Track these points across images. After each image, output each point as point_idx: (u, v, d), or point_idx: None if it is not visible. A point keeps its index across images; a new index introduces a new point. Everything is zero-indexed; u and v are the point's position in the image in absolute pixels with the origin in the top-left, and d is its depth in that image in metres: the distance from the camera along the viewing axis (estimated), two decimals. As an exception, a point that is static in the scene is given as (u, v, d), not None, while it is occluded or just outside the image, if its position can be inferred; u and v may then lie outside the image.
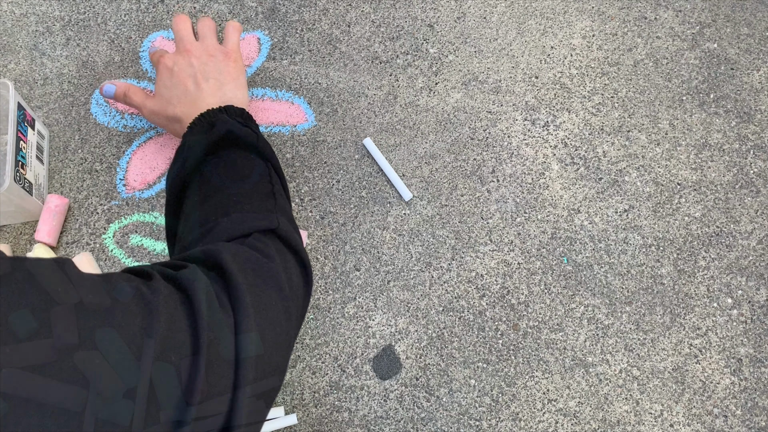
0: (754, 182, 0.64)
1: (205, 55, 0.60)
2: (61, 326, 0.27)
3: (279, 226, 0.46)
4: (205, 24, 0.64)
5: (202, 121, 0.54)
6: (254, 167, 0.51)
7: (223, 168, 0.50)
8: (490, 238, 0.63)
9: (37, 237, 0.62)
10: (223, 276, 0.39)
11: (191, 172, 0.50)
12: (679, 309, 0.60)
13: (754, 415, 0.56)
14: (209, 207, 0.47)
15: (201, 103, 0.57)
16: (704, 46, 0.70)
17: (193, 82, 0.58)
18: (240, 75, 0.61)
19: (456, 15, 0.73)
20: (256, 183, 0.49)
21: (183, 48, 0.61)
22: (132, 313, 0.31)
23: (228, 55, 0.61)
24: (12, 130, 0.59)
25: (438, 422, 0.57)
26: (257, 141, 0.52)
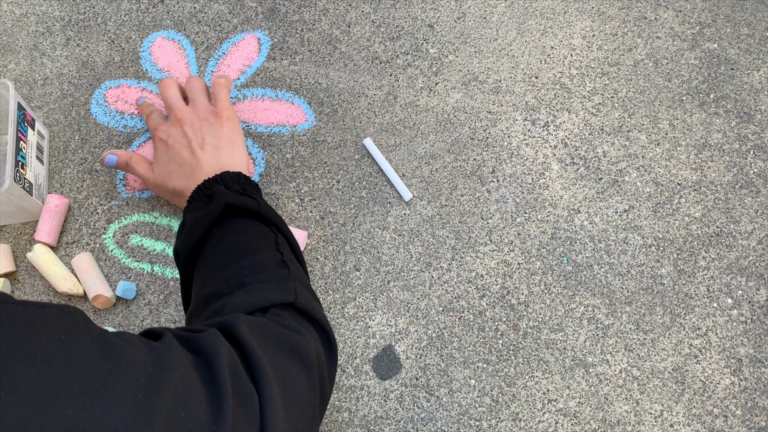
0: (754, 182, 0.64)
1: (197, 121, 0.59)
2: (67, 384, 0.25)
3: (297, 298, 0.44)
4: (193, 86, 0.62)
5: (200, 194, 0.54)
6: (260, 237, 0.50)
7: (229, 241, 0.49)
8: (490, 238, 0.63)
9: (37, 237, 0.62)
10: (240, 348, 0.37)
11: (196, 247, 0.50)
12: (679, 309, 0.60)
13: (754, 415, 0.56)
14: (221, 280, 0.46)
15: (198, 174, 0.56)
16: (704, 46, 0.70)
17: (189, 152, 0.57)
18: (235, 135, 0.60)
19: (456, 15, 0.73)
20: (264, 253, 0.48)
21: (174, 117, 0.60)
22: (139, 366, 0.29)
23: (220, 116, 0.60)
24: (12, 130, 0.59)
25: (438, 422, 0.57)
26: (258, 208, 0.51)
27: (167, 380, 0.29)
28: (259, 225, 0.51)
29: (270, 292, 0.44)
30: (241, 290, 0.44)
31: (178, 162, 0.58)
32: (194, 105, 0.61)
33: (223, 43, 0.72)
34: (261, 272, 0.46)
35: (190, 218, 0.51)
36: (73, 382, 0.26)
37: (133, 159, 0.61)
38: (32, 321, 0.26)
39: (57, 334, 0.27)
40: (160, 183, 0.59)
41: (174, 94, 0.62)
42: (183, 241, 0.51)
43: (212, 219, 0.50)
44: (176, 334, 0.35)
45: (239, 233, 0.50)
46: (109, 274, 0.62)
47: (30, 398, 0.24)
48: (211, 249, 0.49)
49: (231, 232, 0.50)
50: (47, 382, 0.25)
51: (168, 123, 0.61)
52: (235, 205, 0.51)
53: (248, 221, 0.51)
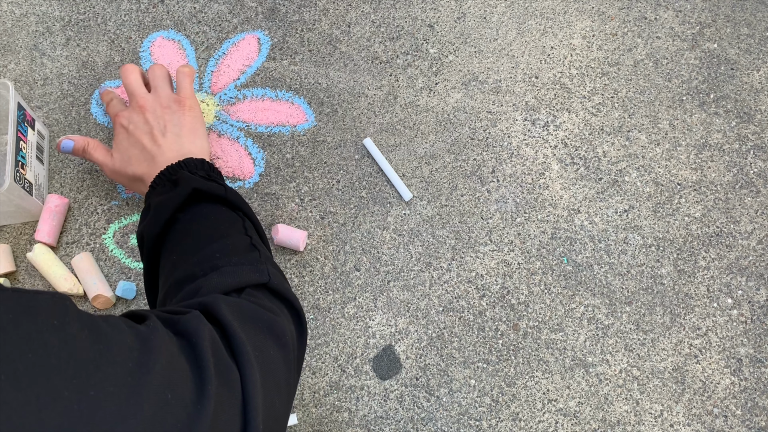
0: (754, 182, 0.64)
1: (159, 109, 0.59)
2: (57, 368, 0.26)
3: (270, 279, 0.45)
4: (155, 73, 0.62)
5: (163, 179, 0.54)
6: (228, 221, 0.50)
7: (197, 225, 0.49)
8: (490, 238, 0.63)
9: (37, 237, 0.62)
10: (221, 328, 0.38)
11: (163, 231, 0.50)
12: (679, 309, 0.60)
13: (754, 415, 0.56)
14: (193, 263, 0.46)
15: (160, 160, 0.56)
16: (704, 46, 0.70)
17: (149, 139, 0.57)
18: (197, 124, 0.60)
19: (456, 15, 0.73)
20: (233, 237, 0.49)
21: (136, 103, 0.60)
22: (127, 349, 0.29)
23: (182, 104, 0.60)
24: (12, 130, 0.59)
25: (438, 422, 0.57)
26: (225, 193, 0.51)
27: (154, 363, 0.30)
28: (226, 210, 0.51)
29: (244, 274, 0.45)
30: (214, 272, 0.45)
31: (138, 148, 0.57)
32: (156, 92, 0.60)
33: (223, 43, 0.72)
34: (233, 255, 0.47)
35: (155, 202, 0.51)
36: (68, 366, 0.26)
37: (91, 145, 0.61)
38: (27, 307, 0.27)
39: (50, 320, 0.27)
40: (119, 169, 0.58)
41: (136, 81, 0.61)
42: (148, 225, 0.50)
43: (178, 203, 0.50)
44: (160, 316, 0.36)
45: (207, 218, 0.50)
46: (109, 274, 0.62)
47: (29, 382, 0.25)
48: (179, 234, 0.49)
49: (198, 217, 0.50)
50: (44, 366, 0.26)
51: (129, 109, 0.60)
52: (202, 190, 0.51)
53: (215, 206, 0.51)
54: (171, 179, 0.53)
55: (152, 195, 0.53)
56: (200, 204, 0.51)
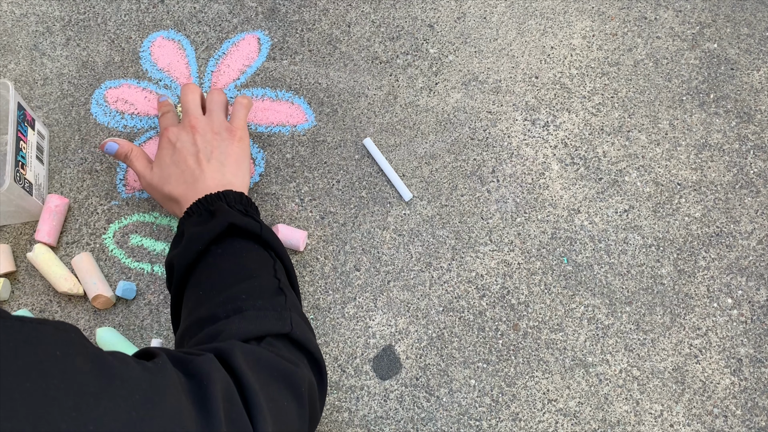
0: (754, 182, 0.64)
1: (210, 133, 0.58)
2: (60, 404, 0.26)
3: (292, 329, 0.45)
4: (213, 98, 0.61)
5: (200, 208, 0.53)
6: (259, 261, 0.49)
7: (228, 262, 0.49)
8: (490, 238, 0.63)
9: (37, 237, 0.62)
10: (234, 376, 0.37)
11: (193, 262, 0.49)
12: (679, 309, 0.60)
13: (754, 415, 0.56)
14: (217, 303, 0.46)
15: (200, 185, 0.55)
16: (704, 46, 0.70)
17: (194, 161, 0.56)
18: (243, 156, 0.59)
19: (456, 15, 0.73)
20: (262, 278, 0.48)
21: (188, 123, 0.59)
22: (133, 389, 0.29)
23: (233, 133, 0.59)
24: (12, 130, 0.59)
25: (438, 422, 0.57)
26: (261, 231, 0.51)
27: (160, 401, 0.30)
28: (259, 249, 0.50)
29: (266, 322, 0.44)
30: (237, 315, 0.44)
31: (181, 168, 0.56)
32: (210, 117, 0.60)
33: (223, 43, 0.72)
34: (258, 298, 0.46)
35: (190, 232, 0.50)
36: (67, 398, 0.26)
37: (134, 152, 0.60)
38: (28, 337, 0.27)
39: (53, 351, 0.27)
40: (157, 184, 0.58)
41: (194, 101, 0.61)
42: (179, 255, 0.50)
43: (213, 236, 0.49)
44: (171, 355, 0.36)
45: (238, 255, 0.49)
46: (109, 274, 0.62)
47: (25, 413, 0.24)
48: (208, 267, 0.49)
49: (230, 253, 0.49)
50: (42, 397, 0.25)
51: (180, 127, 0.59)
52: (239, 225, 0.50)
53: (248, 243, 0.50)
54: (208, 209, 0.52)
55: (187, 223, 0.53)
56: (234, 239, 0.50)
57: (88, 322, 0.61)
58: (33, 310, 0.61)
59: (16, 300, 0.62)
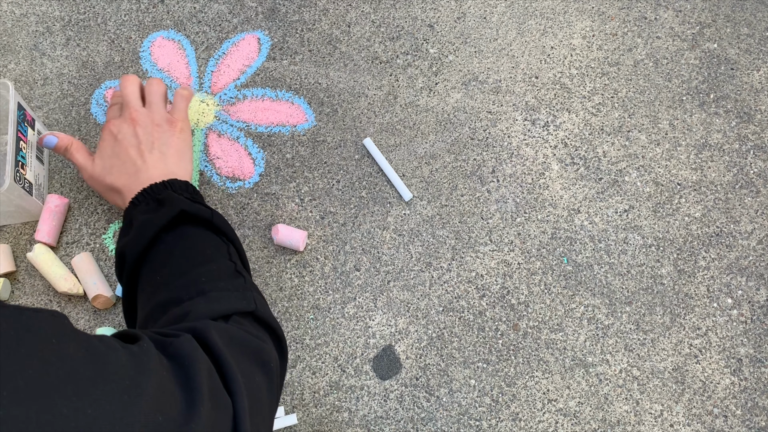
0: (754, 182, 0.64)
1: (150, 125, 0.58)
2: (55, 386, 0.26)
3: (257, 308, 0.46)
4: (153, 89, 0.61)
5: (147, 197, 0.53)
6: (213, 246, 0.50)
7: (182, 248, 0.49)
8: (490, 238, 0.63)
9: (37, 237, 0.62)
10: (212, 355, 0.38)
11: (145, 250, 0.49)
12: (679, 309, 0.60)
13: (754, 415, 0.56)
14: (178, 286, 0.46)
15: (143, 176, 0.55)
16: (704, 46, 0.70)
17: (136, 152, 0.57)
18: (185, 147, 0.59)
19: (456, 15, 0.73)
20: (219, 262, 0.49)
21: (129, 115, 0.59)
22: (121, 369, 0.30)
23: (173, 124, 0.59)
24: (12, 130, 0.59)
25: (438, 422, 0.57)
26: (212, 217, 0.51)
27: (146, 384, 0.30)
28: (211, 234, 0.51)
29: (231, 301, 0.45)
30: (201, 297, 0.45)
31: (122, 159, 0.57)
32: (150, 108, 0.60)
33: (223, 43, 0.72)
34: (219, 280, 0.47)
35: (140, 220, 0.50)
36: (66, 384, 0.27)
37: (74, 145, 0.60)
38: (28, 325, 0.27)
39: (50, 338, 0.28)
40: (98, 176, 0.58)
41: (133, 92, 0.61)
42: (130, 243, 0.50)
43: (164, 222, 0.49)
44: (152, 337, 0.36)
45: (192, 241, 0.50)
46: (109, 274, 0.62)
47: (29, 398, 0.25)
48: (163, 254, 0.49)
49: (183, 239, 0.50)
50: (44, 383, 0.26)
51: (121, 119, 0.59)
52: (190, 212, 0.50)
53: (200, 230, 0.51)
54: (156, 198, 0.53)
55: (134, 212, 0.53)
56: (185, 226, 0.51)
57: (88, 322, 0.61)
58: (33, 310, 0.61)
59: (16, 300, 0.62)
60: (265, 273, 0.62)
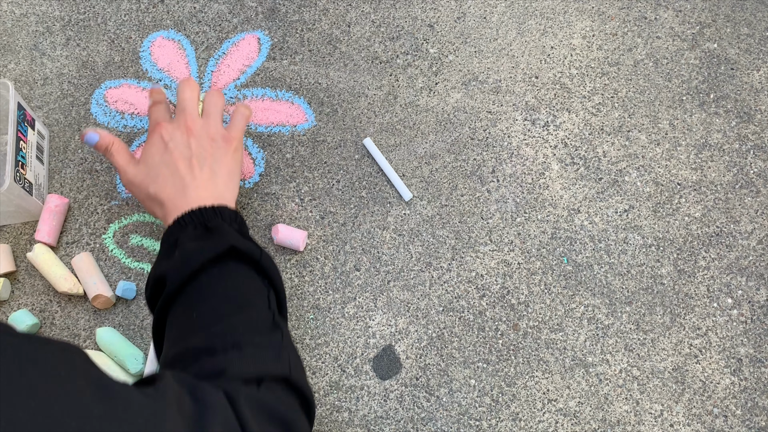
0: (754, 182, 0.64)
1: (206, 138, 0.55)
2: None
3: (291, 373, 0.44)
4: (212, 101, 0.58)
5: (195, 220, 0.50)
6: (255, 289, 0.48)
7: (224, 286, 0.47)
8: (490, 238, 0.63)
9: (37, 237, 0.62)
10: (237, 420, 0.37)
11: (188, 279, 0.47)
12: (679, 309, 0.60)
13: (754, 415, 0.56)
14: (214, 333, 0.44)
15: (191, 193, 0.52)
16: (704, 46, 0.70)
17: (186, 165, 0.53)
18: (236, 167, 0.56)
19: (456, 15, 0.73)
20: (258, 309, 0.46)
21: (184, 122, 0.56)
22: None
23: (229, 142, 0.56)
24: (12, 130, 0.59)
25: (438, 422, 0.57)
26: (260, 258, 0.49)
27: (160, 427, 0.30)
28: (255, 276, 0.49)
29: (267, 362, 0.43)
30: (236, 351, 0.43)
31: (171, 169, 0.53)
32: (208, 120, 0.57)
33: (223, 43, 0.72)
34: (256, 333, 0.45)
35: (187, 247, 0.48)
36: (70, 419, 0.26)
37: (116, 145, 0.57)
38: (35, 355, 0.27)
39: (57, 371, 0.27)
40: (140, 182, 0.55)
41: (192, 99, 0.58)
42: (174, 270, 0.47)
43: (213, 256, 0.47)
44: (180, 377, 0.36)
45: (235, 281, 0.48)
46: (109, 274, 0.62)
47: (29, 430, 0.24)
48: (203, 289, 0.47)
49: (227, 278, 0.47)
50: (46, 416, 0.25)
51: (175, 125, 0.56)
52: (240, 249, 0.48)
53: (245, 269, 0.48)
54: (205, 224, 0.50)
55: (180, 234, 0.50)
56: (232, 262, 0.48)
57: (88, 322, 0.61)
58: (33, 310, 0.61)
59: (16, 300, 0.62)
60: (265, 273, 0.62)
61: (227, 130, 0.58)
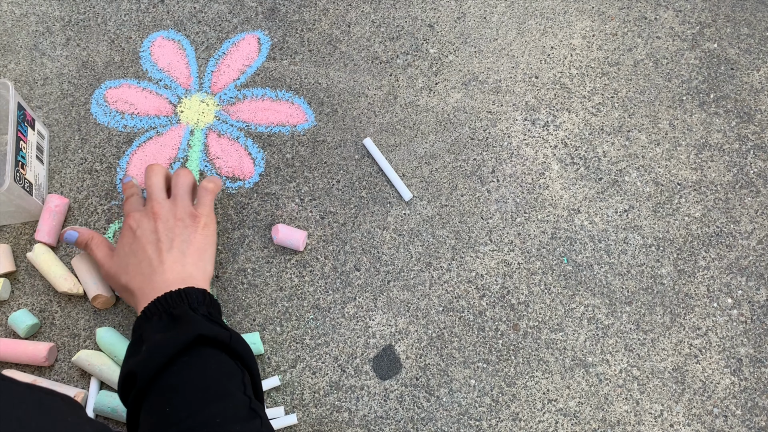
0: (754, 182, 0.64)
1: (172, 219, 0.55)
2: None
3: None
4: (180, 181, 0.58)
5: (160, 309, 0.49)
6: (228, 374, 0.47)
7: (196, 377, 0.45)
8: (490, 238, 0.63)
9: (37, 237, 0.62)
10: None
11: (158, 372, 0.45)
12: (679, 309, 0.60)
13: (754, 415, 0.56)
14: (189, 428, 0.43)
15: (158, 278, 0.52)
16: (704, 46, 0.70)
17: (154, 249, 0.53)
18: (207, 244, 0.56)
19: (456, 15, 0.73)
20: (233, 396, 0.45)
21: (151, 209, 0.56)
22: None
23: (197, 220, 0.56)
24: (12, 130, 0.59)
25: (438, 422, 0.57)
26: (230, 341, 0.48)
27: None
28: (227, 360, 0.48)
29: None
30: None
31: (139, 257, 0.54)
32: (175, 202, 0.57)
33: (223, 43, 0.72)
34: (233, 423, 0.43)
35: (153, 341, 0.47)
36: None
37: (95, 240, 0.58)
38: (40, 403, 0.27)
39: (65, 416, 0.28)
40: (114, 274, 0.55)
41: (157, 184, 0.58)
42: (141, 365, 0.45)
43: (179, 349, 0.46)
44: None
45: (207, 369, 0.46)
46: (109, 274, 0.62)
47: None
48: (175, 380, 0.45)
49: (198, 367, 0.46)
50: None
51: (143, 212, 0.56)
52: (208, 336, 0.47)
53: (216, 353, 0.47)
54: (169, 312, 0.49)
55: (146, 328, 0.49)
56: (201, 348, 0.47)
57: (88, 322, 0.61)
58: (33, 310, 0.61)
59: (16, 300, 0.62)
60: (265, 273, 0.62)
61: (195, 208, 0.58)
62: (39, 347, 0.58)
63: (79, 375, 0.59)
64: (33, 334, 0.60)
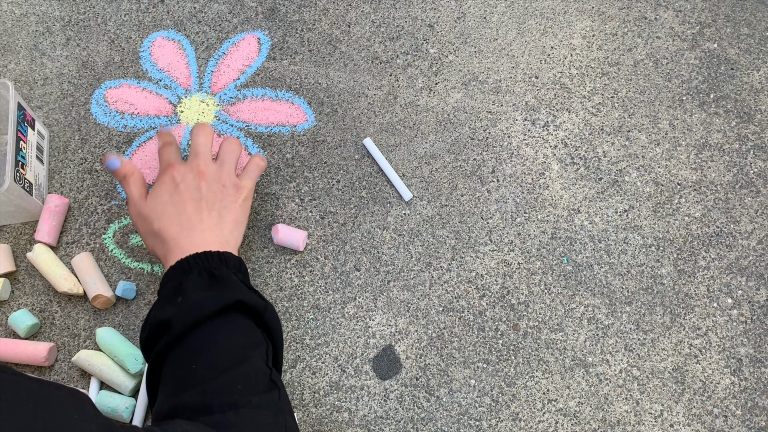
0: (754, 182, 0.64)
1: (217, 184, 0.56)
2: None
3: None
4: (230, 148, 0.59)
5: (200, 265, 0.49)
6: (255, 343, 0.47)
7: (226, 339, 0.46)
8: (490, 238, 0.63)
9: (37, 237, 0.62)
10: None
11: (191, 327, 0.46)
12: (679, 309, 0.60)
13: (754, 415, 0.56)
14: (211, 389, 0.44)
15: (197, 235, 0.52)
16: (704, 46, 0.70)
17: (195, 207, 0.54)
18: (243, 216, 0.57)
19: (456, 15, 0.73)
20: (256, 365, 0.46)
21: (197, 166, 0.56)
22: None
23: (240, 190, 0.57)
24: (12, 130, 0.59)
25: (438, 422, 0.57)
26: (264, 312, 0.49)
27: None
28: (255, 329, 0.48)
29: (263, 425, 0.43)
30: (232, 412, 0.43)
31: (179, 209, 0.53)
32: (221, 167, 0.57)
33: (223, 43, 0.72)
34: (253, 392, 0.44)
35: (193, 297, 0.47)
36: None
37: (135, 176, 0.57)
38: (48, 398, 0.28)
39: (71, 413, 0.28)
40: (146, 215, 0.54)
41: (206, 144, 0.58)
42: (179, 315, 0.46)
43: (219, 308, 0.47)
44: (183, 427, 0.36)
45: (237, 334, 0.47)
46: (109, 274, 0.62)
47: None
48: (204, 341, 0.46)
49: (229, 330, 0.47)
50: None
51: (188, 167, 0.56)
52: (246, 303, 0.48)
53: (247, 322, 0.48)
54: (210, 272, 0.49)
55: (184, 279, 0.49)
56: (236, 315, 0.48)
57: (88, 322, 0.61)
58: (33, 310, 0.61)
59: (16, 300, 0.62)
60: (265, 273, 0.62)
61: (240, 179, 0.58)
62: (39, 347, 0.58)
63: (79, 375, 0.59)
64: (33, 334, 0.60)
